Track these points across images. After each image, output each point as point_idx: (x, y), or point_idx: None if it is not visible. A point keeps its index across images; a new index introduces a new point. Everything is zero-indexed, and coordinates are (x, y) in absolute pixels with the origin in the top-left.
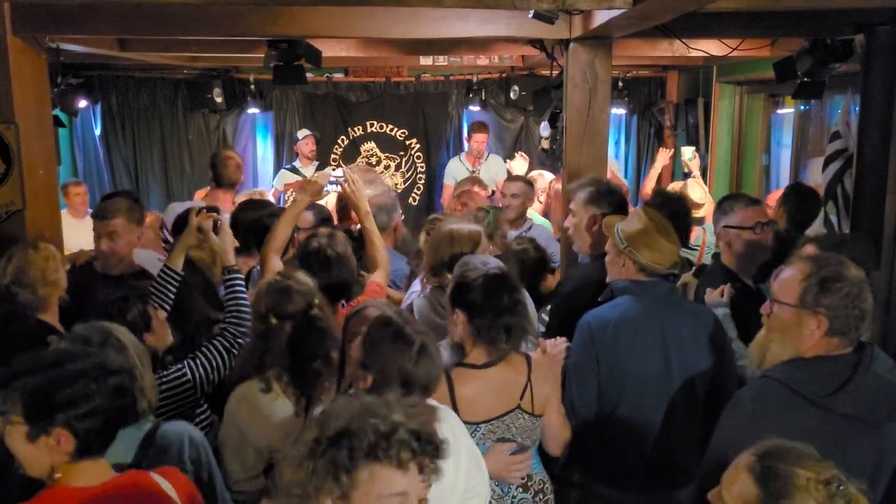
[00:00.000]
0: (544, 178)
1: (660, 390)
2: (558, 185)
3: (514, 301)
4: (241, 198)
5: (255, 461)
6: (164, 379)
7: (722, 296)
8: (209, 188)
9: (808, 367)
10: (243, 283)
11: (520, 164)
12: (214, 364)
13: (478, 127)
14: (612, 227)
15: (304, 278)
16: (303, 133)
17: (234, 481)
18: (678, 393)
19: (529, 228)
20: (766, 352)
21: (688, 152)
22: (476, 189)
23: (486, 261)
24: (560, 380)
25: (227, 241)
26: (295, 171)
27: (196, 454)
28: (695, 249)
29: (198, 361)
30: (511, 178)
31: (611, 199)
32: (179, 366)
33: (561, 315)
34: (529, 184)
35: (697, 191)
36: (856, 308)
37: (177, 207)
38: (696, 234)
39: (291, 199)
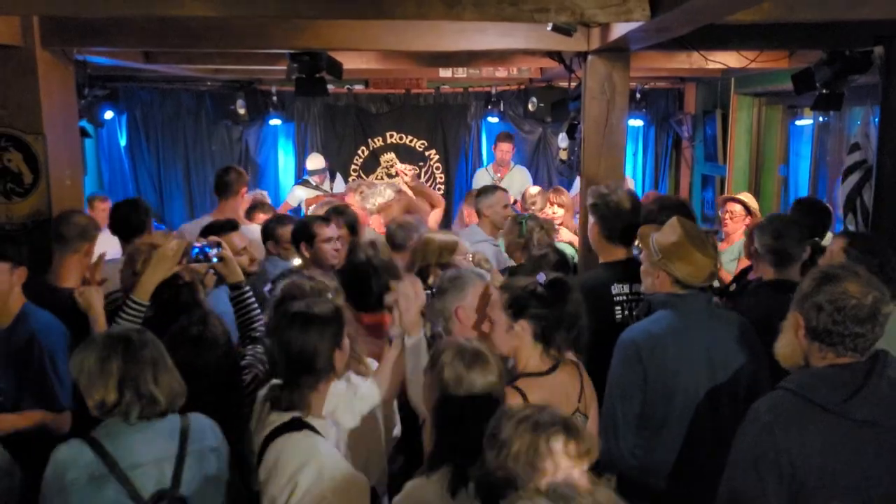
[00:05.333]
0: None
1: (708, 405)
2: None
3: (575, 304)
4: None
5: None
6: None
7: None
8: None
9: (821, 375)
10: (252, 295)
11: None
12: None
13: (503, 137)
14: (647, 238)
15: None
16: (313, 163)
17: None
18: (725, 408)
19: None
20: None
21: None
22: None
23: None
24: None
25: (233, 259)
26: (307, 183)
27: (222, 436)
28: None
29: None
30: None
31: (603, 211)
32: (252, 374)
33: None
34: None
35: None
36: (832, 317)
37: (189, 228)
38: None
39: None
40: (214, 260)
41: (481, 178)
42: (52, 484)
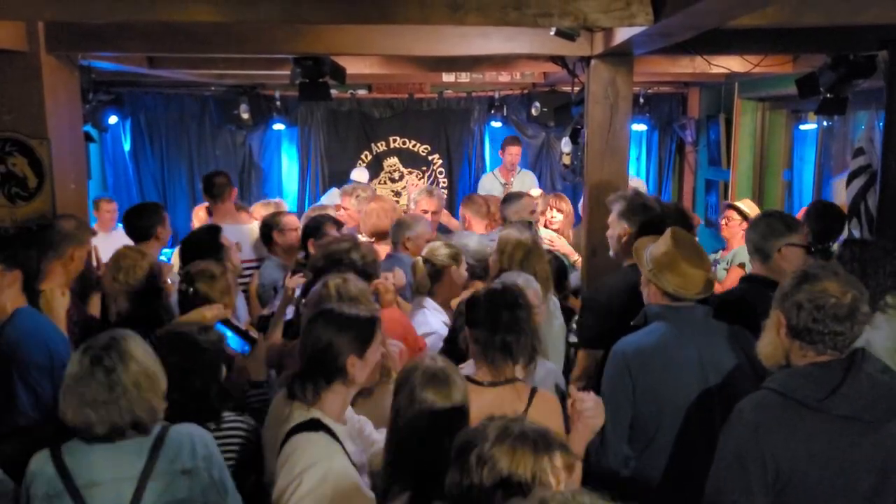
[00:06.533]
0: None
1: (701, 420)
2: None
3: (513, 318)
4: (259, 207)
5: None
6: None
7: None
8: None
9: (802, 373)
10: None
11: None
12: None
13: (511, 141)
14: (641, 251)
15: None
16: (357, 175)
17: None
18: (719, 420)
19: None
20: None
21: None
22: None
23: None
24: (587, 436)
25: (262, 359)
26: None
27: (206, 452)
28: None
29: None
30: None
31: (642, 216)
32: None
33: (594, 322)
34: None
35: None
36: (811, 316)
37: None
38: None
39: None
40: (237, 350)
41: (489, 184)
42: (23, 493)
